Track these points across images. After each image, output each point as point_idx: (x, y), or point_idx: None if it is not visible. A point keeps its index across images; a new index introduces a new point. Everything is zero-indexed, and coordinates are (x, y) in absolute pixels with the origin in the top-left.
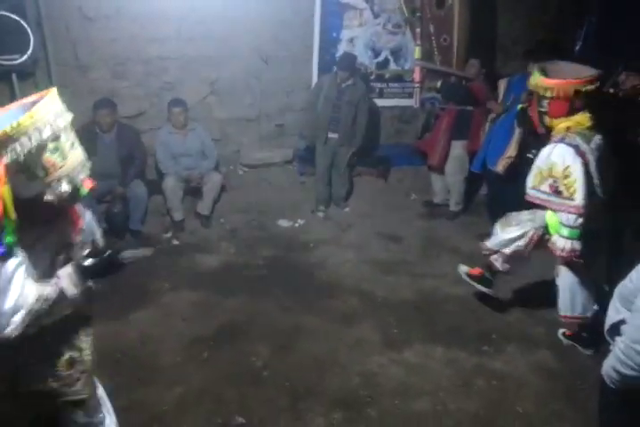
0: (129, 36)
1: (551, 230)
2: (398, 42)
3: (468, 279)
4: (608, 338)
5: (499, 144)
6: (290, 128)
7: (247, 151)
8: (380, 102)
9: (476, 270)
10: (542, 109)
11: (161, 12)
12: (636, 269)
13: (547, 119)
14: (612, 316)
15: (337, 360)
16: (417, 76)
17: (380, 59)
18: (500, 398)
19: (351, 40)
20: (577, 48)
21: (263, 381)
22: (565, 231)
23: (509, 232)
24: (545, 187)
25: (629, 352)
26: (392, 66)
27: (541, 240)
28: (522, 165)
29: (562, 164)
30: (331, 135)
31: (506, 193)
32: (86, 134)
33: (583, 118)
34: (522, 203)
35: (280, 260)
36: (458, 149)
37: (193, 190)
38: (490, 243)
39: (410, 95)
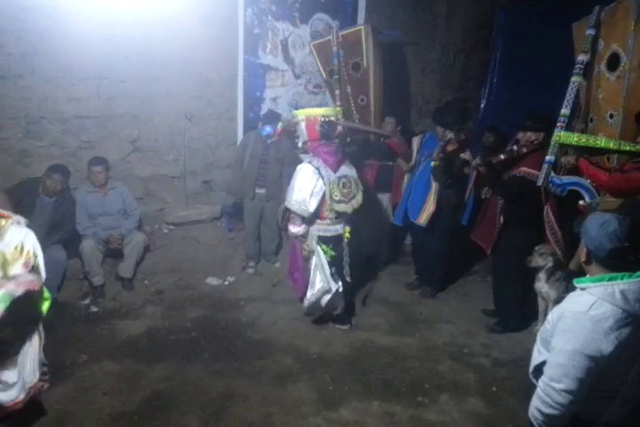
0: (43, 96)
1: None
2: (319, 101)
3: None
4: (533, 379)
5: (418, 198)
6: (216, 185)
7: (172, 209)
8: (305, 158)
9: None
10: None
11: (79, 72)
12: (552, 311)
13: None
14: (535, 358)
15: (272, 426)
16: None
17: None
18: None
19: (274, 99)
20: (482, 105)
21: None
22: None
23: None
24: None
25: (547, 390)
26: None
27: None
28: (441, 217)
29: None
30: (258, 190)
31: (429, 242)
32: (28, 191)
33: None
34: (444, 251)
35: (209, 321)
36: (383, 201)
37: (114, 252)
38: None
39: None
